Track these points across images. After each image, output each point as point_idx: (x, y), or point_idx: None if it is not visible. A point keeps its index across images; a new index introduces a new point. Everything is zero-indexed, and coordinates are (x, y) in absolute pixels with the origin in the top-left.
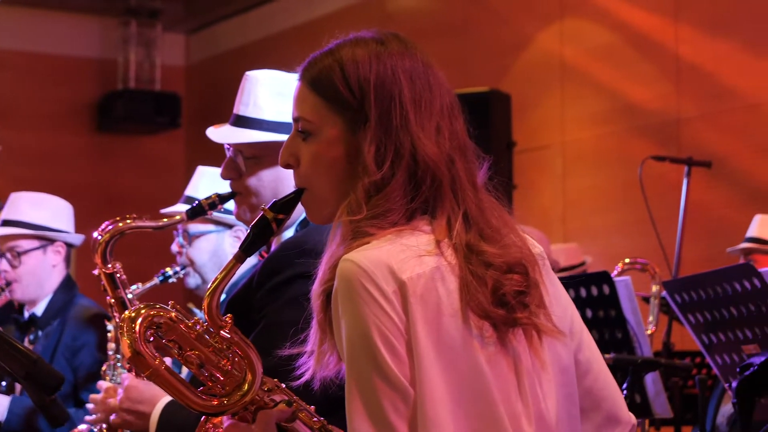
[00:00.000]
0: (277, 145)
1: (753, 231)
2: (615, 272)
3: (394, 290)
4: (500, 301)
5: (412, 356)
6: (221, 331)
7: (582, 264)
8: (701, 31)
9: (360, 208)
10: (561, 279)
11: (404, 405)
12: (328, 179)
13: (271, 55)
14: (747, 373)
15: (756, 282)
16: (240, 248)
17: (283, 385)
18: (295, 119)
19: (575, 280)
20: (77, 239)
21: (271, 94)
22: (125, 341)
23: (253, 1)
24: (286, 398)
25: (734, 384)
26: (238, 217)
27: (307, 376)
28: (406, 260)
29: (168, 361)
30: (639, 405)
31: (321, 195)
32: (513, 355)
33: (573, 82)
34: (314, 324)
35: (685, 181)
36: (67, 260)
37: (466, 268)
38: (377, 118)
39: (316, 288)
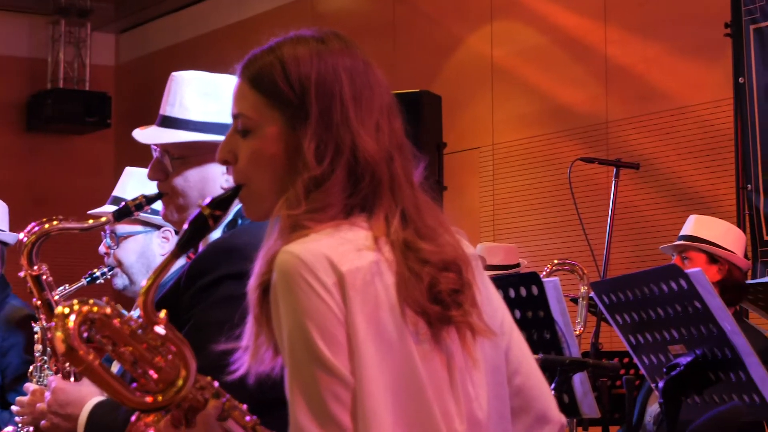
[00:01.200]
0: (203, 144)
1: (688, 229)
2: (544, 273)
3: (334, 282)
4: (436, 297)
5: (352, 348)
6: (155, 328)
7: (517, 266)
8: (630, 34)
9: (299, 203)
10: (490, 279)
11: (346, 394)
12: (267, 175)
13: (202, 54)
14: (673, 373)
15: (682, 283)
16: (177, 245)
17: (216, 383)
18: (235, 116)
19: (504, 281)
20: (12, 238)
21: (198, 94)
22: (59, 336)
23: (185, 1)
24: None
25: (661, 384)
26: (165, 219)
27: (242, 371)
28: (345, 253)
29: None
30: (567, 405)
31: (260, 191)
32: (446, 353)
33: (503, 83)
34: (250, 319)
35: (613, 183)
36: (2, 259)
37: (404, 264)
38: (318, 114)
39: (252, 282)
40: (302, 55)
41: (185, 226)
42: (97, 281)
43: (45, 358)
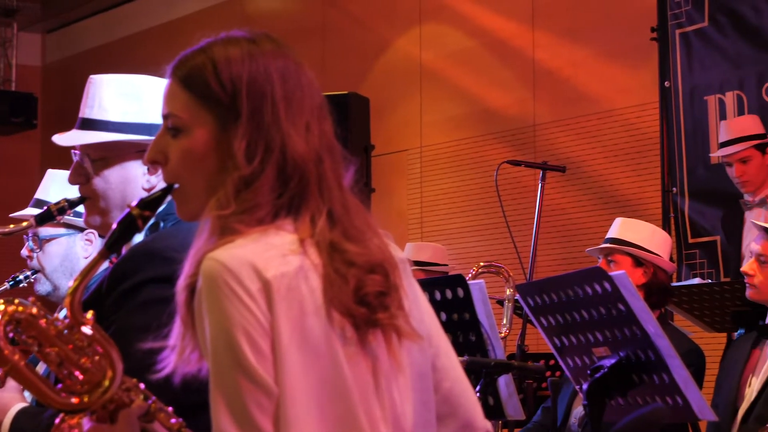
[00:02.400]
0: (123, 145)
1: (614, 232)
2: (470, 275)
3: (259, 288)
4: (362, 300)
5: (276, 355)
6: (82, 328)
7: (445, 265)
8: (557, 38)
9: (229, 203)
10: (417, 281)
11: (268, 403)
12: (197, 175)
13: (130, 55)
14: (597, 375)
15: (606, 285)
16: (104, 245)
17: (142, 385)
18: (165, 116)
19: (430, 283)
20: None
21: (116, 95)
22: None
23: (113, 1)
24: (144, 396)
25: (585, 386)
26: (88, 224)
27: (167, 370)
28: (270, 259)
29: None
30: (492, 407)
31: (190, 191)
32: (372, 357)
33: (431, 86)
34: (177, 319)
35: (539, 186)
36: None
37: (330, 266)
38: (249, 114)
39: (180, 282)
40: (234, 56)
41: (114, 227)
42: (21, 285)
43: None
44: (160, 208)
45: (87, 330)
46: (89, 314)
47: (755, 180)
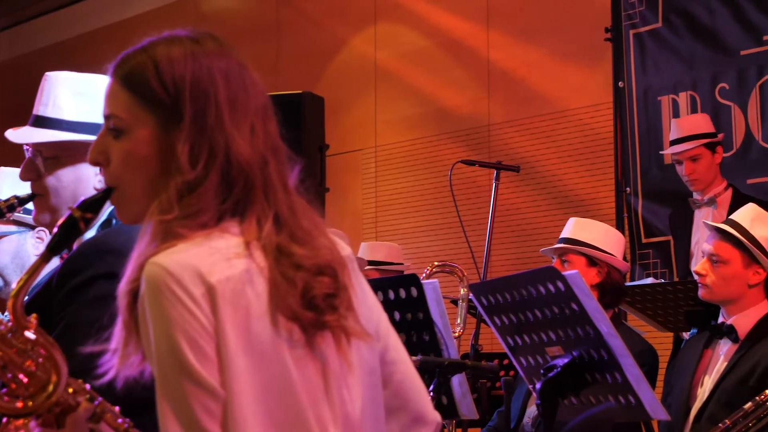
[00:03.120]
0: (76, 144)
1: (567, 232)
2: (423, 275)
3: (203, 293)
4: (310, 303)
5: (222, 359)
6: (25, 332)
7: (400, 264)
8: (512, 38)
9: (171, 208)
10: (369, 281)
11: (216, 406)
12: (139, 178)
13: (82, 54)
14: (551, 374)
15: (560, 285)
16: (47, 247)
17: (88, 386)
18: (106, 117)
19: (384, 283)
20: None
21: (72, 94)
22: None
23: (65, 0)
24: (90, 398)
25: (538, 386)
26: (37, 221)
27: (110, 375)
28: (214, 263)
29: None
30: (446, 407)
31: (131, 194)
32: (321, 358)
33: (386, 86)
34: (119, 323)
35: (494, 185)
36: None
37: (276, 269)
38: (192, 117)
39: (122, 287)
40: (176, 56)
41: (55, 229)
42: None
43: None
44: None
45: (30, 334)
46: (32, 318)
47: (704, 179)
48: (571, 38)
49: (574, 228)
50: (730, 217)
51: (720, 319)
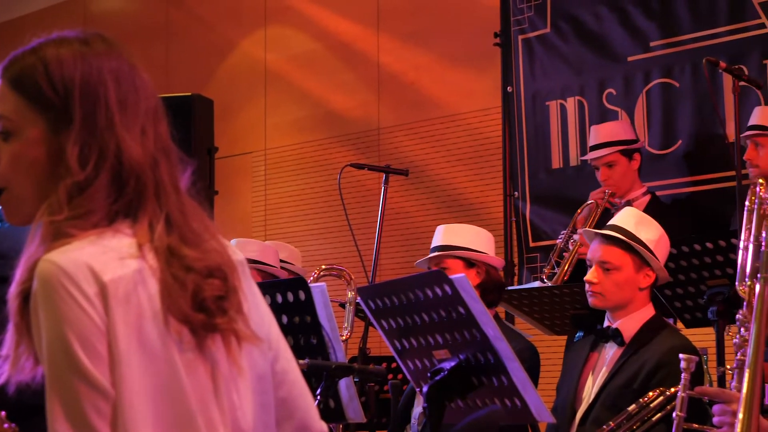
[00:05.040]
0: None
1: (439, 240)
2: (311, 278)
3: (96, 292)
4: (200, 305)
5: (113, 359)
6: None
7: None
8: (402, 42)
9: (61, 209)
10: (258, 284)
11: (106, 407)
12: (28, 180)
13: None
14: (437, 378)
15: (447, 288)
16: None
17: None
18: None
19: (271, 286)
20: None
21: None
22: None
23: None
24: None
25: (425, 389)
26: None
27: (1, 381)
28: (107, 262)
29: None
30: (333, 410)
31: (21, 195)
32: (211, 362)
33: (276, 88)
34: (11, 327)
35: (383, 189)
36: None
37: (167, 271)
38: (81, 118)
39: (13, 290)
40: (65, 57)
41: None
42: None
43: None
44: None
45: None
46: None
47: (621, 185)
48: (461, 43)
49: (444, 235)
50: (612, 222)
51: (605, 323)
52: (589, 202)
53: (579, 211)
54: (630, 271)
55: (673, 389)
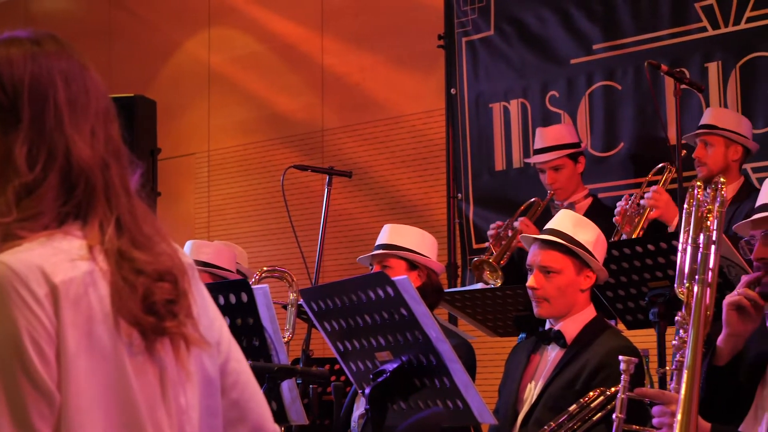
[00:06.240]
0: None
1: (384, 239)
2: (253, 280)
3: (46, 293)
4: (150, 308)
5: (62, 362)
6: None
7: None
8: (346, 44)
9: (10, 211)
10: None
11: (49, 411)
12: None
13: None
14: (380, 379)
15: (389, 290)
16: None
17: None
18: None
19: (214, 288)
20: None
21: None
22: None
23: None
24: None
25: (367, 390)
26: None
27: None
28: (58, 263)
29: None
30: (275, 412)
31: None
32: (159, 365)
33: (220, 90)
34: None
35: (326, 190)
36: None
37: (118, 274)
38: (30, 119)
39: None
40: (15, 57)
41: None
42: None
43: None
44: None
45: None
46: None
47: (567, 187)
48: (405, 45)
49: (390, 234)
50: (549, 226)
51: (547, 325)
52: (531, 200)
53: (522, 208)
54: (571, 273)
55: (613, 389)
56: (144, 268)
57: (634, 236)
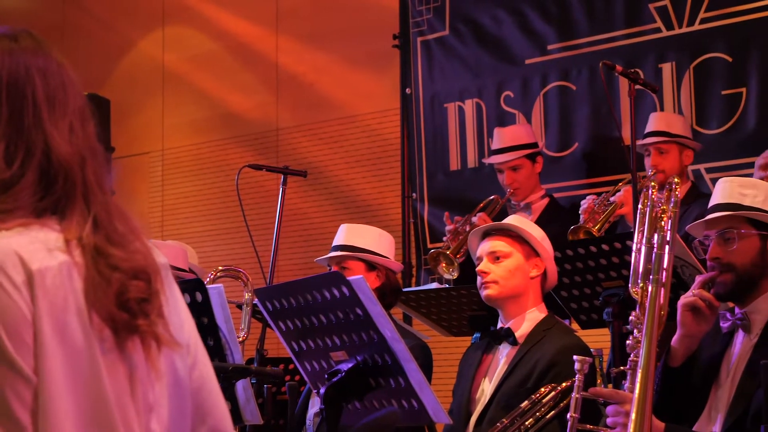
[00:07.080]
0: None
1: (341, 239)
2: (208, 280)
3: (23, 280)
4: (123, 305)
5: (38, 348)
6: None
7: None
8: (301, 43)
9: None
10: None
11: (28, 395)
12: None
13: None
14: (335, 379)
15: (344, 290)
16: None
17: None
18: None
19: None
20: None
21: None
22: None
23: None
24: None
25: (322, 390)
26: None
27: None
28: (35, 252)
29: None
30: (230, 412)
31: None
32: (129, 364)
33: (174, 89)
34: None
35: (281, 190)
36: None
37: (93, 268)
38: (8, 115)
39: None
40: None
41: None
42: None
43: None
44: None
45: None
46: None
47: (525, 187)
48: (360, 44)
49: (347, 234)
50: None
51: (498, 325)
52: (490, 197)
53: (481, 205)
54: (520, 257)
55: (564, 384)
56: (119, 264)
57: (596, 229)
